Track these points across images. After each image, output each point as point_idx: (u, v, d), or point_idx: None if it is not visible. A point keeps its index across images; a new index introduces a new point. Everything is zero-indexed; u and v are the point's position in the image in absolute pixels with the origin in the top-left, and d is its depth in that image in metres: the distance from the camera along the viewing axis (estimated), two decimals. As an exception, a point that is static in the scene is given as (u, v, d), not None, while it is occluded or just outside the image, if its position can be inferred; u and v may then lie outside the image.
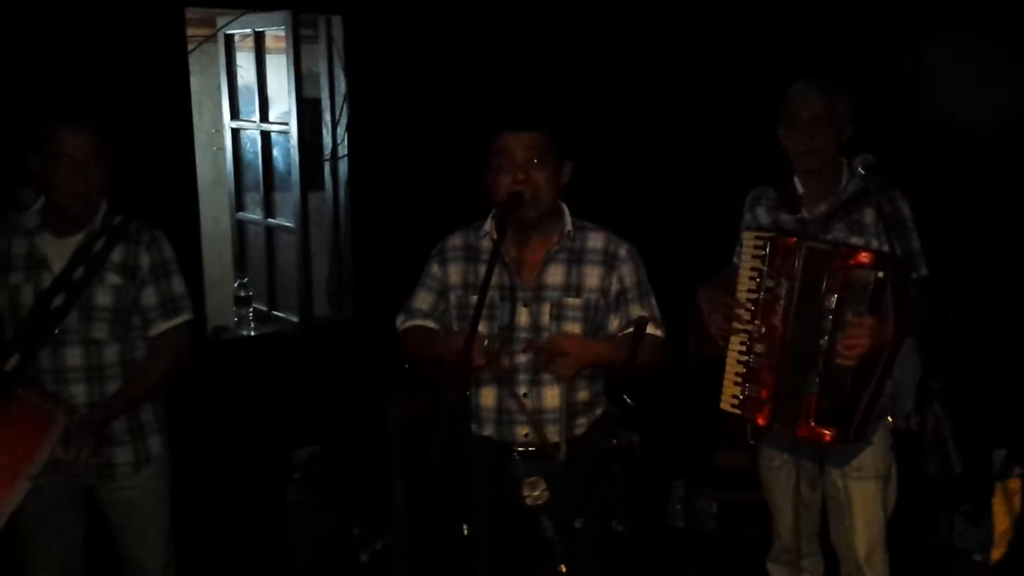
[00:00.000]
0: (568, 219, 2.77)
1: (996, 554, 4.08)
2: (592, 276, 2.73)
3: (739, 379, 2.90)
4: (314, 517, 4.15)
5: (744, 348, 2.89)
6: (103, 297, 2.78)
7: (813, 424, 2.76)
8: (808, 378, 2.77)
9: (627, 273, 2.75)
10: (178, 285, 2.91)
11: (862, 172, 2.78)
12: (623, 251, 2.76)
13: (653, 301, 2.79)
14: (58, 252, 2.78)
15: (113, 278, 2.79)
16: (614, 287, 2.74)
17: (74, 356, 2.77)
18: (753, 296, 2.86)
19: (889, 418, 2.97)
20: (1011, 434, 4.10)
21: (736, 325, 2.89)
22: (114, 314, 2.80)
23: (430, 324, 2.83)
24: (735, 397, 2.91)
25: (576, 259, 2.74)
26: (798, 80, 3.00)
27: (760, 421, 2.88)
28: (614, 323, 2.77)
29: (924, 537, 3.68)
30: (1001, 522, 4.08)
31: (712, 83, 4.97)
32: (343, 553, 4.13)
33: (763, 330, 2.84)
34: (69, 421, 2.66)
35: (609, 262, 2.74)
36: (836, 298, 2.71)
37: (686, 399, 4.00)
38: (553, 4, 4.74)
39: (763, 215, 3.09)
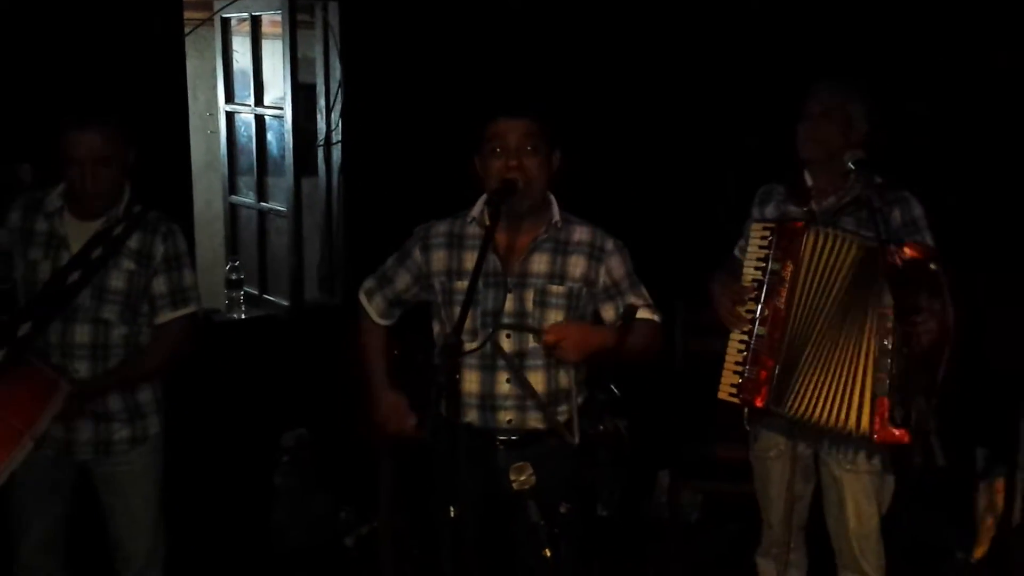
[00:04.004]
0: (556, 209, 2.80)
1: (978, 552, 4.13)
2: (577, 266, 2.77)
3: (738, 367, 2.95)
4: (301, 500, 4.17)
5: (746, 336, 2.95)
6: (116, 281, 2.85)
7: (890, 428, 2.80)
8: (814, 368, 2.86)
9: (615, 265, 2.80)
10: (188, 277, 2.98)
11: (851, 167, 2.85)
12: (610, 244, 2.82)
13: (644, 289, 2.84)
14: (78, 233, 2.85)
15: (128, 264, 2.86)
16: (603, 280, 2.79)
17: (82, 333, 2.84)
18: (758, 281, 2.94)
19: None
20: (995, 434, 4.13)
21: (740, 310, 2.95)
22: (125, 298, 2.87)
23: (384, 323, 2.93)
24: (733, 386, 2.96)
25: (561, 250, 2.78)
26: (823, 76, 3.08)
27: (758, 403, 2.93)
28: (610, 312, 2.80)
29: (906, 534, 3.71)
30: (984, 520, 4.12)
31: (703, 77, 4.98)
32: (330, 537, 4.15)
33: (766, 312, 2.91)
34: (71, 391, 2.72)
35: (596, 255, 2.79)
36: (898, 295, 2.74)
37: (673, 391, 4.03)
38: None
39: (771, 211, 3.15)
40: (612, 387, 2.59)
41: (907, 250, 2.75)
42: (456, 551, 2.58)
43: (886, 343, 2.80)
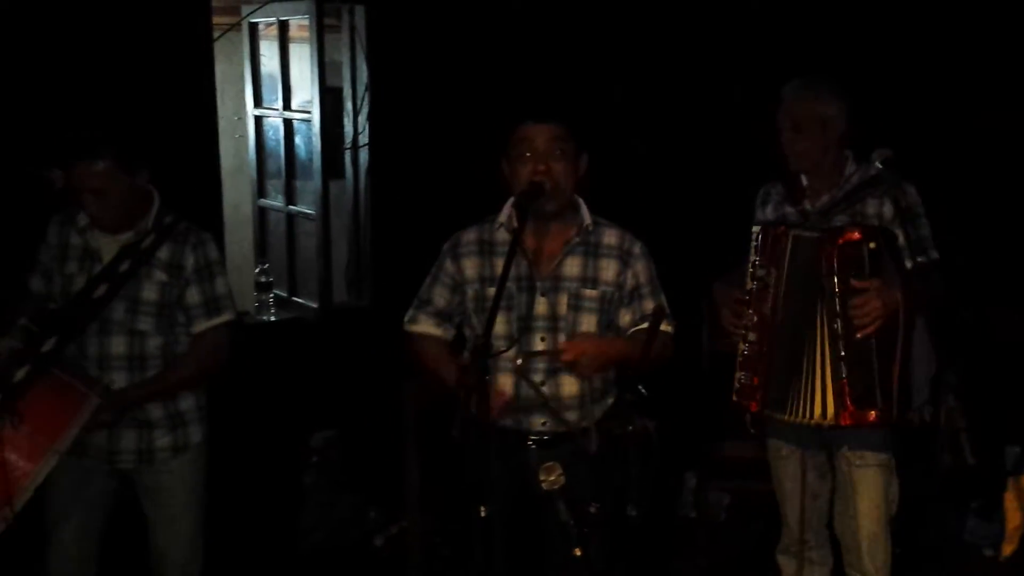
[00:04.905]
0: (586, 213, 2.81)
1: (1007, 550, 4.11)
2: (608, 270, 2.79)
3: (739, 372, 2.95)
4: (330, 501, 4.20)
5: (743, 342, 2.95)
6: (149, 292, 2.87)
7: (853, 408, 2.79)
8: (808, 362, 2.83)
9: (641, 270, 2.82)
10: (221, 286, 2.98)
11: (880, 166, 2.83)
12: (637, 248, 2.83)
13: (663, 298, 2.84)
14: (110, 246, 2.88)
15: (159, 275, 2.88)
16: (628, 282, 2.81)
17: (119, 345, 2.86)
18: (750, 287, 2.94)
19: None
20: (1024, 431, 4.12)
21: (743, 312, 2.94)
22: (158, 309, 2.89)
23: (440, 333, 2.87)
24: (736, 391, 2.97)
25: (592, 253, 2.79)
26: (791, 80, 3.05)
27: (753, 407, 2.94)
28: (626, 317, 2.81)
29: (935, 531, 3.70)
30: (1013, 518, 4.10)
31: (723, 80, 4.98)
32: (358, 537, 4.18)
33: (755, 319, 2.90)
34: (103, 401, 2.74)
35: (624, 258, 2.80)
36: (837, 279, 2.76)
37: (700, 392, 4.03)
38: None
39: (770, 211, 3.14)
40: (640, 388, 2.60)
41: (847, 234, 2.77)
42: (486, 551, 2.60)
43: (835, 327, 2.78)
